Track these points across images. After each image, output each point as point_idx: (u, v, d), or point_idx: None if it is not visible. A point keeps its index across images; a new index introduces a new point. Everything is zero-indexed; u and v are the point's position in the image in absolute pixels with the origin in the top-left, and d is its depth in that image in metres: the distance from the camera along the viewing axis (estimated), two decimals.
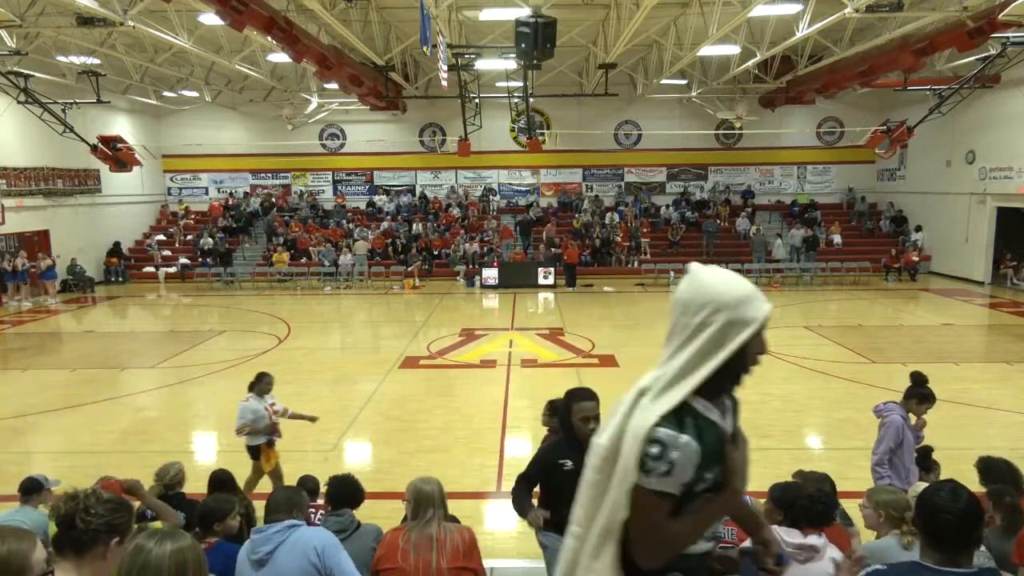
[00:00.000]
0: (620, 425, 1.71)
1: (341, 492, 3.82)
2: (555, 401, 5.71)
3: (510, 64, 16.39)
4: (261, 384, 6.51)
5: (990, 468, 4.08)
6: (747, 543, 1.98)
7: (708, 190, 26.12)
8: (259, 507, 4.54)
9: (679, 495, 1.66)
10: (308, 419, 6.94)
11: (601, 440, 1.75)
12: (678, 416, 1.64)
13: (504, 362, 11.96)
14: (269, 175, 26.53)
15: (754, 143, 25.11)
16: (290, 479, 4.28)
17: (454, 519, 3.94)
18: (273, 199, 25.85)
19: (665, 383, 1.68)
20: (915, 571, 1.98)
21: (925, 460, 5.03)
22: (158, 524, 3.61)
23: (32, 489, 4.38)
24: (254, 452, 6.49)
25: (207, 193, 26.69)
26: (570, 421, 3.41)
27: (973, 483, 3.82)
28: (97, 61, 17.81)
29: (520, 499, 3.79)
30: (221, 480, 4.45)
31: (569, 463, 3.32)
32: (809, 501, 2.78)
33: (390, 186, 26.49)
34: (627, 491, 1.66)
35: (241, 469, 5.03)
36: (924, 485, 3.93)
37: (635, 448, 1.64)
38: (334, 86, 19.73)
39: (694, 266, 1.73)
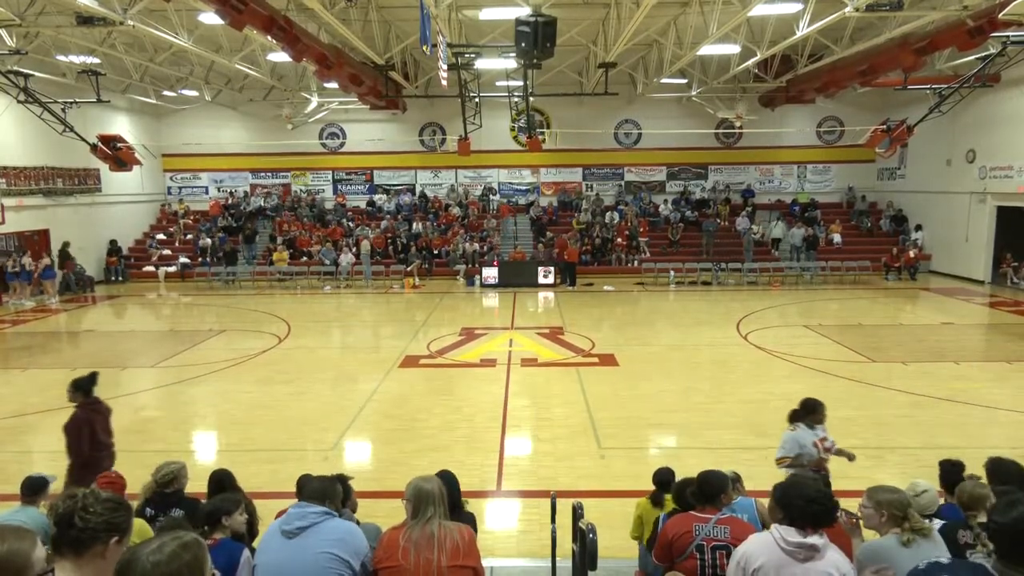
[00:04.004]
0: None
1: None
2: (78, 379, 5.67)
3: (510, 63, 16.40)
4: (816, 415, 5.42)
5: (999, 469, 3.94)
6: None
7: (708, 189, 26.11)
8: (262, 508, 4.56)
9: None
10: (848, 456, 5.65)
11: None
12: None
13: (504, 361, 11.96)
14: (269, 175, 26.52)
15: (754, 142, 25.09)
16: (291, 479, 4.28)
17: (470, 515, 3.95)
18: (276, 197, 25.92)
19: None
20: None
21: (953, 475, 4.27)
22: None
23: (33, 489, 4.37)
24: None
25: (207, 192, 26.68)
26: None
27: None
28: (97, 60, 17.79)
29: None
30: (220, 480, 4.45)
31: None
32: (808, 501, 2.78)
33: (390, 185, 26.48)
34: None
35: (241, 468, 5.00)
36: (925, 484, 3.93)
37: None
38: (334, 85, 19.72)
39: None
